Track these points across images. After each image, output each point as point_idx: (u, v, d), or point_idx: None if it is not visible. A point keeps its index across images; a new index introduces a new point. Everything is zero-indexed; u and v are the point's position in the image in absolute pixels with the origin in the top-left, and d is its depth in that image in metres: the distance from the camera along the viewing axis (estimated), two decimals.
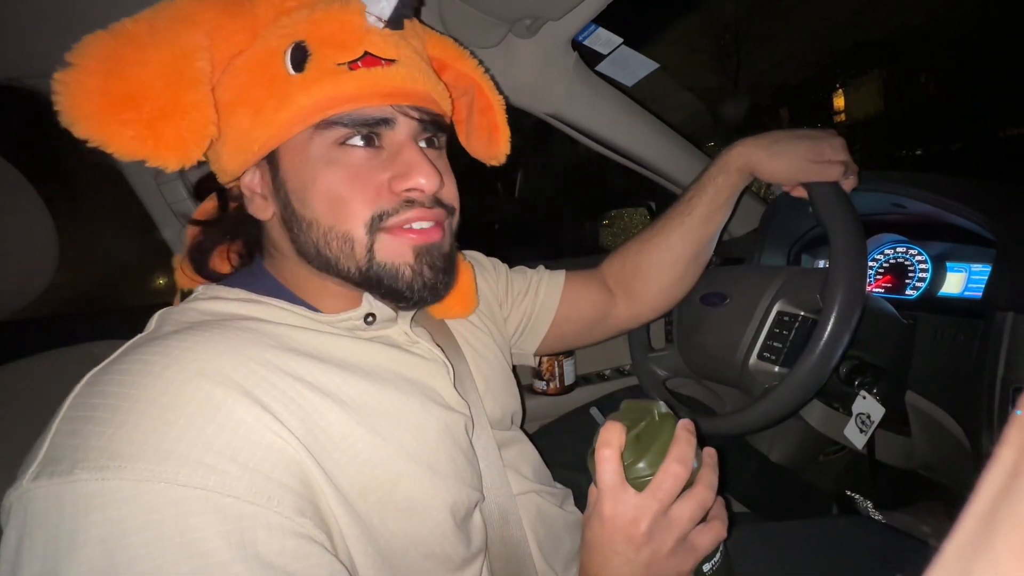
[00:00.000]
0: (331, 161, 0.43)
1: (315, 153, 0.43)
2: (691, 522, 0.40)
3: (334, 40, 0.42)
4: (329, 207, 0.43)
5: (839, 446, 1.16)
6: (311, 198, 0.44)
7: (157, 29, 0.39)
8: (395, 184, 0.44)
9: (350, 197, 0.43)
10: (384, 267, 0.45)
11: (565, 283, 0.75)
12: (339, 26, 0.42)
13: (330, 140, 0.43)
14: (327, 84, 0.41)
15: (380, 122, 0.43)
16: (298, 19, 0.42)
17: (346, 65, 0.42)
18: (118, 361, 0.36)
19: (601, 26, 0.79)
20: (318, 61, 0.41)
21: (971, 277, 0.81)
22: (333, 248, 0.44)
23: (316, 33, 0.42)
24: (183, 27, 0.40)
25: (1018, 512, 0.10)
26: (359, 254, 0.44)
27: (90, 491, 0.30)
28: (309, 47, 0.41)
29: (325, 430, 0.39)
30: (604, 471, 0.39)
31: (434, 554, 0.44)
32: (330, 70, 0.41)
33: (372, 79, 0.42)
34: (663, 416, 0.41)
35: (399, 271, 0.45)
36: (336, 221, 0.44)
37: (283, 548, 0.33)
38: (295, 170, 0.44)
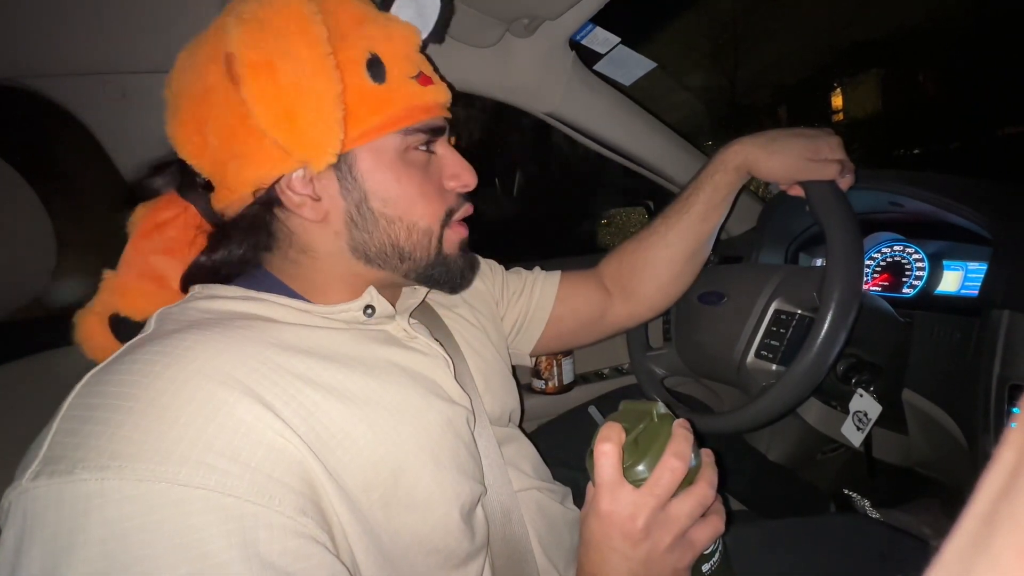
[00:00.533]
0: (409, 163, 0.48)
1: (395, 156, 0.47)
2: (689, 518, 0.40)
3: (407, 56, 0.47)
4: (411, 205, 0.48)
5: (836, 444, 1.16)
6: (394, 197, 0.47)
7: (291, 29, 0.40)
8: (450, 183, 0.51)
9: (429, 196, 0.49)
10: (446, 258, 0.51)
11: (560, 283, 0.75)
12: (410, 44, 0.48)
13: (406, 145, 0.47)
14: (413, 95, 0.46)
15: (440, 130, 0.50)
16: (373, 31, 0.45)
17: (415, 79, 0.47)
18: (118, 361, 0.36)
19: (599, 25, 0.79)
20: (397, 74, 0.45)
21: (967, 275, 0.81)
22: (412, 241, 0.49)
23: (390, 48, 0.46)
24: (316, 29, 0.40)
25: (1018, 512, 0.10)
26: (432, 245, 0.50)
27: (90, 491, 0.30)
28: (383, 60, 0.45)
29: (327, 427, 0.39)
30: (602, 467, 0.39)
31: (437, 550, 0.44)
32: (407, 83, 0.46)
33: (436, 94, 0.48)
34: (662, 417, 0.41)
35: (454, 261, 0.52)
36: (419, 217, 0.49)
37: (284, 548, 0.33)
38: (376, 171, 0.47)
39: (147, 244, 0.49)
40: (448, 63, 0.76)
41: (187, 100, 0.43)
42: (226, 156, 0.43)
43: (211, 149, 0.43)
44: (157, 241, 0.50)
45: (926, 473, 0.93)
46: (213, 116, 0.42)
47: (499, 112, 0.60)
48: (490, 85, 0.84)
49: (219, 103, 0.41)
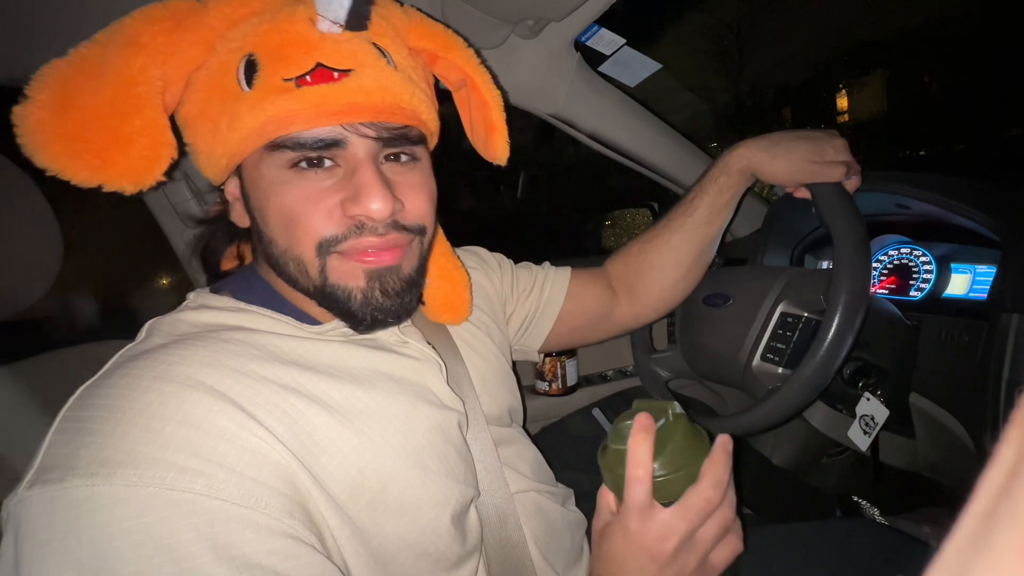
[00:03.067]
0: (283, 182, 0.41)
1: (267, 173, 0.42)
2: (714, 542, 0.40)
3: (281, 53, 0.39)
4: (283, 228, 0.43)
5: (842, 448, 1.16)
6: (268, 217, 0.43)
7: (106, 55, 0.39)
8: (346, 208, 0.42)
9: (300, 220, 0.42)
10: (336, 288, 0.44)
11: (570, 280, 0.75)
12: (285, 38, 0.39)
13: (281, 162, 0.41)
14: (270, 104, 0.39)
15: (329, 144, 0.41)
16: (247, 30, 0.40)
17: (294, 81, 0.39)
18: (108, 375, 0.37)
19: (604, 27, 0.79)
20: (265, 78, 0.39)
21: (976, 278, 0.80)
22: (290, 267, 0.44)
23: (264, 45, 0.39)
24: (127, 52, 0.39)
25: (1018, 511, 0.10)
26: (313, 275, 0.43)
27: (82, 496, 0.31)
28: (258, 61, 0.39)
29: (312, 435, 0.39)
30: (635, 491, 0.38)
31: (427, 553, 0.44)
32: (276, 87, 0.39)
33: (319, 97, 0.39)
34: (677, 417, 0.40)
35: (351, 294, 0.44)
36: (289, 243, 0.43)
37: (272, 548, 0.34)
38: (254, 188, 0.44)
39: None
40: None
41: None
42: None
43: None
44: None
45: (933, 477, 0.92)
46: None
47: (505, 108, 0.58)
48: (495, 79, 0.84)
49: None
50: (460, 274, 0.59)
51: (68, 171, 0.38)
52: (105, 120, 0.38)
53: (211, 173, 0.45)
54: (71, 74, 0.38)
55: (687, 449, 0.39)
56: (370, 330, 0.47)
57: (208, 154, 0.43)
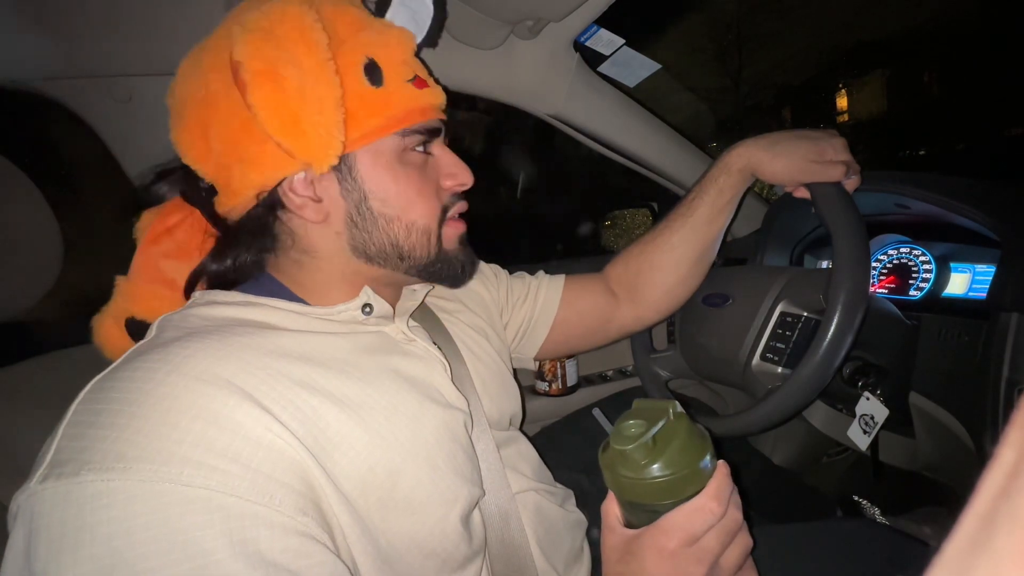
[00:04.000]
0: (406, 163, 0.49)
1: (393, 157, 0.48)
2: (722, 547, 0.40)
3: (403, 60, 0.48)
4: (409, 204, 0.49)
5: (842, 447, 1.16)
6: (392, 197, 0.48)
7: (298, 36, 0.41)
8: (446, 182, 0.52)
9: (427, 194, 0.50)
10: (446, 254, 0.53)
11: (564, 287, 0.75)
12: (406, 48, 0.49)
13: (403, 146, 0.49)
14: (410, 98, 0.47)
15: (436, 132, 0.51)
16: (370, 37, 0.46)
17: (411, 82, 0.48)
18: (121, 368, 0.37)
19: (603, 27, 0.79)
20: (392, 77, 0.47)
21: (975, 278, 0.80)
22: (412, 239, 0.50)
23: (387, 52, 0.47)
24: (316, 36, 0.42)
25: (1018, 512, 0.10)
26: (432, 242, 0.51)
27: (96, 491, 0.31)
28: (380, 64, 0.46)
29: (324, 431, 0.40)
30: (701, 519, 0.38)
31: (435, 553, 0.45)
32: (404, 86, 0.47)
33: (432, 96, 0.50)
34: (678, 416, 0.40)
35: (455, 256, 0.54)
36: (417, 216, 0.50)
37: (285, 547, 0.34)
38: (375, 171, 0.48)
39: (156, 249, 0.50)
40: (452, 65, 0.76)
41: (191, 106, 0.44)
42: (230, 160, 0.44)
43: (215, 154, 0.44)
44: (166, 245, 0.51)
45: (933, 477, 0.92)
46: (217, 121, 0.43)
47: (503, 114, 0.60)
48: (494, 87, 0.84)
49: (223, 109, 0.42)
50: None
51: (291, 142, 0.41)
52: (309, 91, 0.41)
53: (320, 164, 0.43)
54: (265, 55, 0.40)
55: (689, 449, 0.39)
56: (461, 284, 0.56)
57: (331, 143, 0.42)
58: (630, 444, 0.38)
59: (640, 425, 0.39)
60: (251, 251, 0.49)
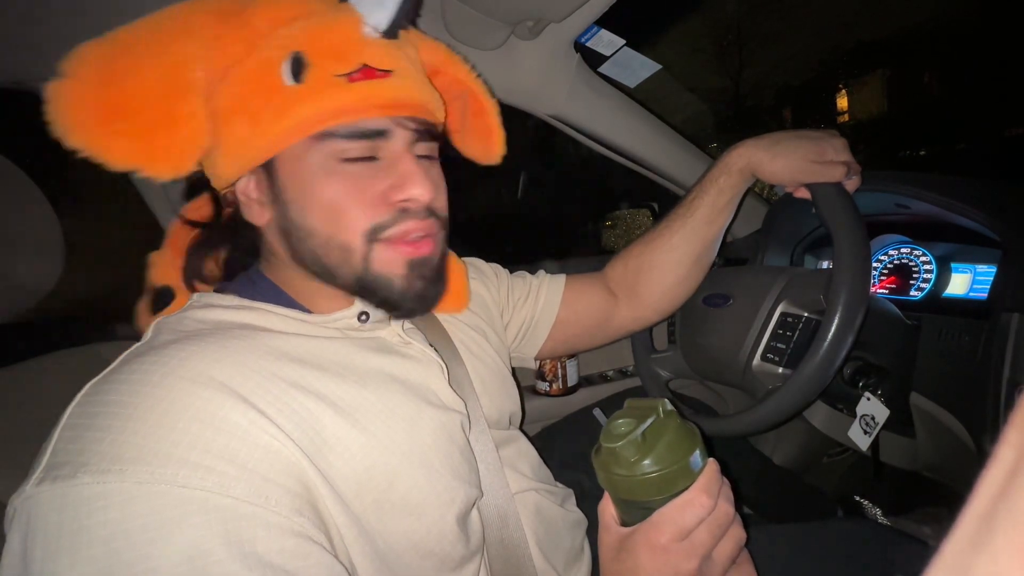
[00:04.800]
0: (329, 172, 0.43)
1: (313, 164, 0.43)
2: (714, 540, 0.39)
3: (333, 51, 0.42)
4: (327, 218, 0.44)
5: (843, 448, 1.16)
6: (310, 208, 0.44)
7: (153, 39, 0.39)
8: (391, 195, 0.45)
9: (348, 208, 0.44)
10: (378, 277, 0.46)
11: (565, 287, 0.75)
12: (338, 37, 0.43)
13: (328, 151, 0.43)
14: (326, 96, 0.41)
15: (377, 134, 0.44)
16: (296, 30, 0.42)
17: (344, 77, 0.42)
18: (117, 371, 0.37)
19: (603, 28, 0.79)
20: (317, 72, 0.41)
21: (976, 278, 0.80)
22: (332, 257, 0.45)
23: (314, 44, 0.42)
24: (179, 37, 0.40)
25: (1017, 511, 0.10)
26: (355, 263, 0.45)
27: (93, 493, 0.31)
28: (307, 58, 0.41)
29: (320, 433, 0.40)
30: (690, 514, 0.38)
31: (432, 553, 0.45)
32: (329, 82, 0.42)
33: (370, 91, 0.42)
34: (668, 413, 0.41)
35: (392, 282, 0.46)
36: (335, 231, 0.44)
37: (282, 547, 0.34)
38: (293, 180, 0.44)
39: (184, 231, 0.52)
40: None
41: None
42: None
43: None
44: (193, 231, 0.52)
45: (933, 477, 0.92)
46: None
47: (503, 114, 0.59)
48: (494, 87, 0.83)
49: None
50: (458, 264, 0.64)
51: (107, 152, 0.38)
52: (153, 101, 0.39)
53: (229, 170, 0.45)
54: (113, 54, 0.39)
55: (678, 445, 0.39)
56: (407, 316, 0.50)
57: (239, 147, 0.43)
58: (619, 441, 0.38)
59: (630, 423, 0.40)
60: (226, 246, 0.50)
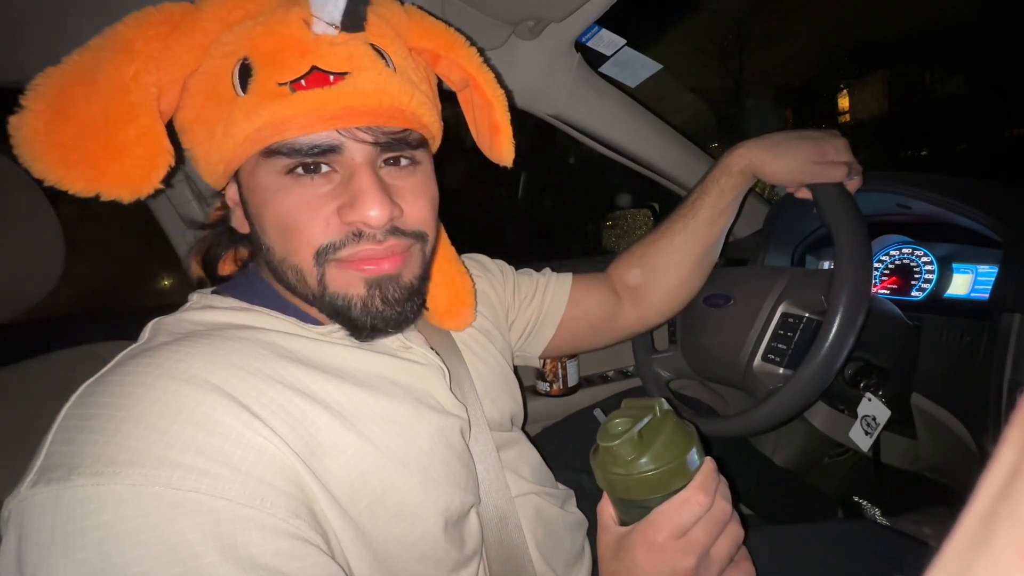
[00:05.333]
0: (279, 189, 0.41)
1: (263, 180, 0.41)
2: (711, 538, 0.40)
3: (275, 57, 0.38)
4: (280, 236, 0.42)
5: (844, 448, 1.16)
6: (265, 225, 0.43)
7: (100, 62, 0.38)
8: (343, 215, 0.41)
9: (297, 228, 0.41)
10: (336, 297, 0.43)
11: (572, 286, 0.75)
12: (280, 40, 0.38)
13: (276, 168, 0.40)
14: (265, 109, 0.38)
15: (325, 150, 0.40)
16: (240, 33, 0.39)
17: (288, 85, 0.38)
18: (111, 372, 0.37)
19: (604, 27, 0.79)
20: (260, 82, 0.38)
21: (977, 278, 0.80)
22: (289, 276, 0.44)
23: (258, 49, 0.39)
24: (120, 58, 0.38)
25: (1018, 512, 0.10)
26: (311, 283, 0.43)
27: (86, 496, 0.31)
28: (253, 65, 0.38)
29: (315, 436, 0.39)
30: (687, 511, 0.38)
31: (426, 557, 0.45)
32: (271, 92, 0.38)
33: (314, 102, 0.38)
34: (665, 413, 0.41)
35: (351, 302, 0.43)
36: (286, 252, 0.43)
37: (278, 549, 0.33)
38: (251, 195, 0.43)
39: None
40: None
41: None
42: None
43: None
44: None
45: (935, 478, 0.92)
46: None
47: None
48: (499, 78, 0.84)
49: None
50: (464, 280, 0.59)
51: (64, 181, 0.37)
52: (99, 129, 0.38)
53: (210, 179, 0.45)
54: (66, 82, 0.38)
55: (674, 443, 0.39)
56: (370, 338, 0.46)
57: (205, 160, 0.43)
58: (616, 440, 0.38)
59: (626, 422, 0.40)
60: (224, 247, 0.52)
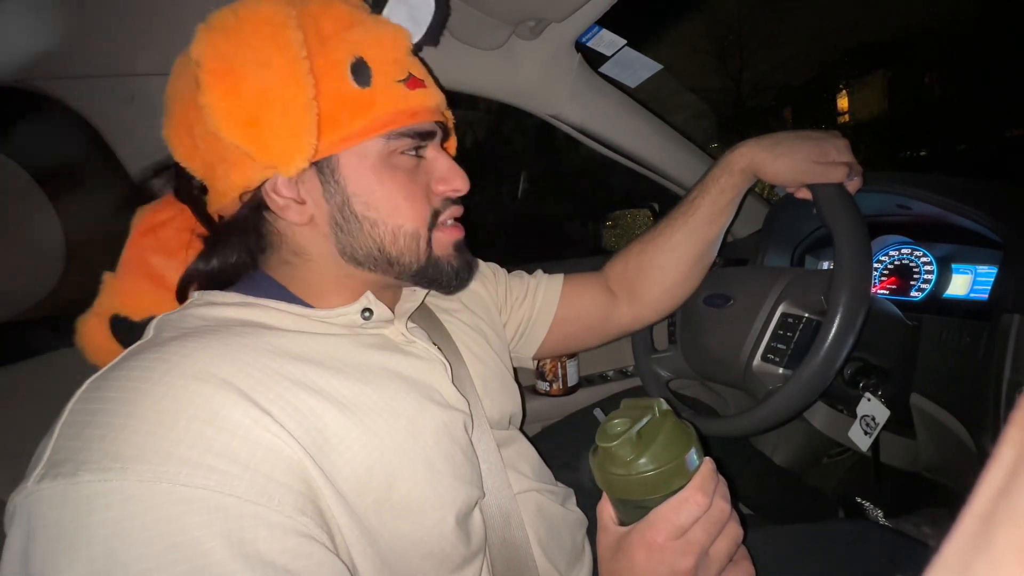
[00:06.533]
0: (393, 167, 0.48)
1: (379, 160, 0.47)
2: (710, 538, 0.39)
3: (393, 59, 0.46)
4: (395, 208, 0.48)
5: (843, 448, 1.16)
6: (377, 200, 0.47)
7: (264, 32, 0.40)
8: (439, 187, 0.51)
9: (416, 198, 0.49)
10: (438, 260, 0.51)
11: (564, 286, 0.75)
12: (397, 46, 0.47)
13: (390, 149, 0.47)
14: (397, 99, 0.46)
15: (429, 135, 0.50)
16: (359, 35, 0.45)
17: (403, 83, 0.46)
18: (118, 367, 0.37)
19: (604, 28, 0.79)
20: (382, 78, 0.45)
21: (977, 279, 0.80)
22: (400, 244, 0.49)
23: (375, 51, 0.45)
24: (287, 29, 0.41)
25: (1018, 511, 0.10)
26: (422, 247, 0.50)
27: (94, 491, 0.31)
28: (369, 63, 0.45)
29: (322, 432, 0.39)
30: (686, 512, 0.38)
31: (433, 553, 0.45)
32: (393, 87, 0.46)
33: (426, 98, 0.48)
34: (663, 413, 0.41)
35: (447, 262, 0.52)
36: (404, 220, 0.48)
37: (284, 547, 0.33)
38: (358, 175, 0.47)
39: (144, 243, 0.51)
40: (454, 65, 0.76)
41: (178, 104, 0.45)
42: (214, 159, 0.44)
43: (200, 152, 0.44)
44: (154, 241, 0.51)
45: (934, 478, 0.92)
46: (198, 120, 0.42)
47: (504, 114, 0.59)
48: (495, 87, 0.84)
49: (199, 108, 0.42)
50: None
51: (245, 140, 0.40)
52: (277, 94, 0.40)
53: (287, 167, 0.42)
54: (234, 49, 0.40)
55: (673, 443, 0.39)
56: (457, 289, 0.55)
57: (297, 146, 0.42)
58: (615, 441, 0.38)
59: (625, 422, 0.40)
60: (238, 252, 0.49)
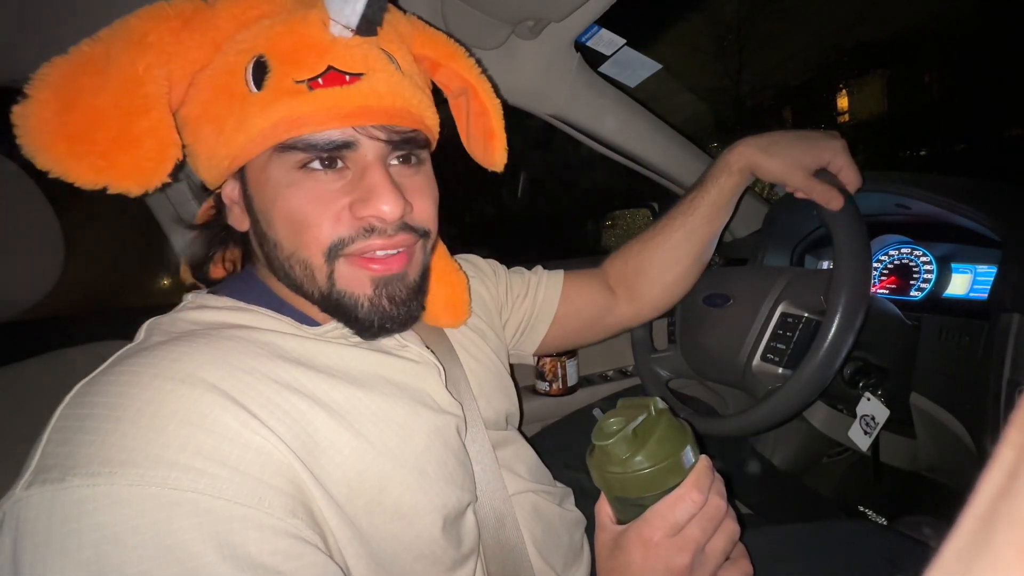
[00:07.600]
0: (291, 184, 0.41)
1: (275, 175, 0.42)
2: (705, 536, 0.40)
3: (293, 56, 0.39)
4: (290, 231, 0.43)
5: (843, 448, 1.16)
6: (274, 220, 0.43)
7: (111, 53, 0.38)
8: (356, 210, 0.42)
9: (309, 223, 0.42)
10: (343, 295, 0.44)
11: (564, 283, 0.75)
12: (298, 40, 0.40)
13: (290, 163, 0.41)
14: (283, 105, 0.39)
15: (340, 146, 0.41)
16: (257, 32, 0.40)
17: (305, 83, 0.39)
18: (106, 372, 0.37)
19: (604, 27, 0.79)
20: (276, 79, 0.39)
21: (976, 278, 0.80)
22: (296, 272, 0.44)
23: (275, 48, 0.40)
24: (133, 50, 0.38)
25: (1018, 512, 0.10)
26: (320, 280, 0.44)
27: (82, 497, 0.31)
28: (268, 63, 0.39)
29: (312, 436, 0.39)
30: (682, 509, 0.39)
31: (424, 556, 0.45)
32: (288, 89, 0.39)
33: (332, 99, 0.39)
34: (659, 411, 0.41)
35: (358, 301, 0.44)
36: (296, 246, 0.43)
37: (275, 548, 0.33)
38: (259, 190, 0.43)
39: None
40: None
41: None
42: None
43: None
44: None
45: (933, 477, 0.92)
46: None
47: (504, 114, 0.58)
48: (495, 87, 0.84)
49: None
50: (459, 277, 0.60)
51: (72, 173, 0.37)
52: (111, 120, 0.37)
53: (209, 175, 0.45)
54: (74, 73, 0.37)
55: (669, 441, 0.40)
56: (375, 337, 0.47)
57: (209, 156, 0.43)
58: (611, 439, 0.39)
59: (621, 421, 0.40)
60: (212, 246, 0.51)
